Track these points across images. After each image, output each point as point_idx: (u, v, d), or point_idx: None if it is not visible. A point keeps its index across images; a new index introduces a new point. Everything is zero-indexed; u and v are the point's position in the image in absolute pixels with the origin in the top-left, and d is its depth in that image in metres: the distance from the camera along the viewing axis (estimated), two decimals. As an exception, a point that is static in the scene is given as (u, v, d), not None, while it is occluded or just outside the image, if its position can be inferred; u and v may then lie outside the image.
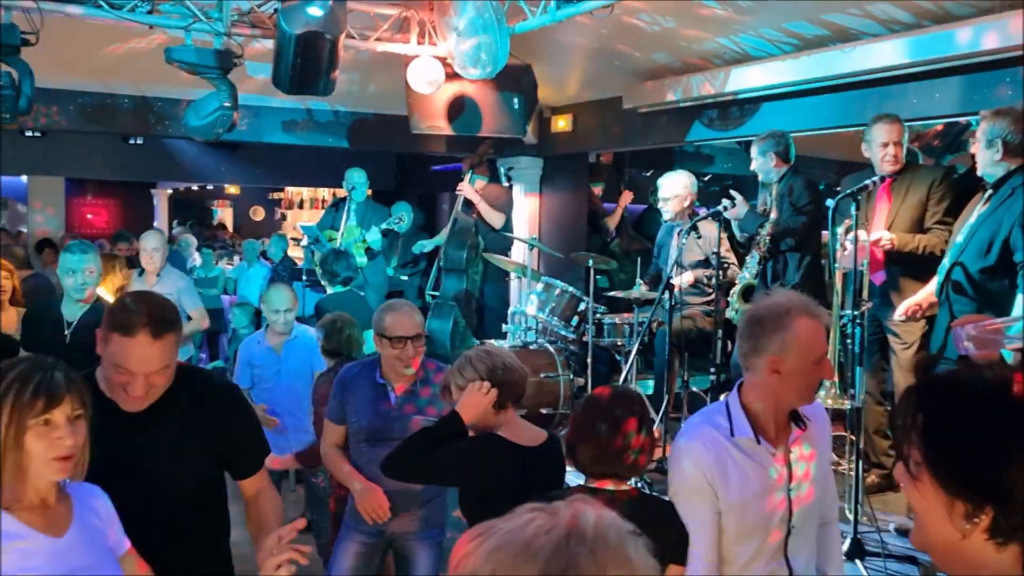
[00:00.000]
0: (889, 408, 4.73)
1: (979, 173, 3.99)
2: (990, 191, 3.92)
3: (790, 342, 2.18)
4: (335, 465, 3.51)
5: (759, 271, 5.14)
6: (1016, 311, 3.66)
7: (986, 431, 1.10)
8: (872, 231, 4.50)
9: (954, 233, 4.12)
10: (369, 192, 7.79)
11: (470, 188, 7.35)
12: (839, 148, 7.87)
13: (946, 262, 4.01)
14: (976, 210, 3.97)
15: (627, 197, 8.66)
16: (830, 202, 4.24)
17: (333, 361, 4.33)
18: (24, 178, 12.68)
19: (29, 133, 8.82)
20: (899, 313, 4.31)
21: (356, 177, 7.50)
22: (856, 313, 3.96)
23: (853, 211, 3.96)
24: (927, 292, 4.24)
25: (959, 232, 4.03)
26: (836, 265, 4.19)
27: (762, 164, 5.16)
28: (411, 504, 3.39)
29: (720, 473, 2.24)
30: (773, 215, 5.04)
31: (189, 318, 5.78)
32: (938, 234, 4.39)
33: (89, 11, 4.86)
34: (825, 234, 4.89)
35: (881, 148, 4.47)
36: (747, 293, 5.21)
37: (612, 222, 8.72)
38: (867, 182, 4.12)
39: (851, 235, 4.04)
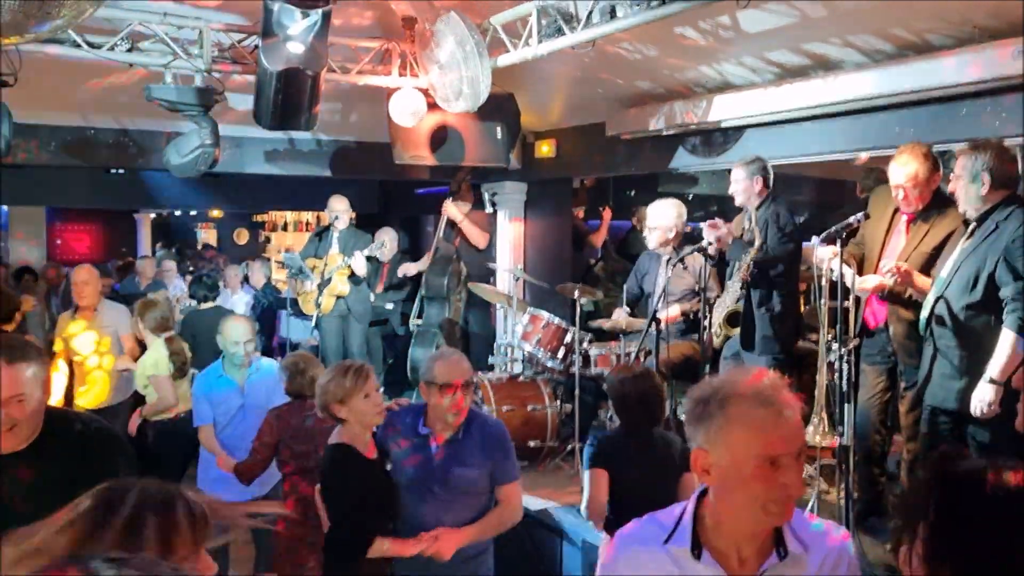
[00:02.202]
0: (884, 436, 4.72)
1: (961, 209, 3.96)
2: (973, 225, 3.90)
3: (719, 434, 1.70)
4: None
5: (741, 296, 5.14)
6: (1002, 347, 3.65)
7: (997, 542, 1.09)
8: (880, 267, 4.40)
9: (938, 267, 4.09)
10: (353, 216, 7.75)
11: (454, 207, 7.31)
12: (817, 167, 7.92)
13: (930, 297, 3.98)
14: (960, 245, 3.96)
15: (608, 214, 8.68)
16: (816, 239, 4.21)
17: (296, 401, 4.24)
18: (4, 208, 12.60)
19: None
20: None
21: (337, 205, 7.45)
22: (844, 350, 3.94)
23: (839, 246, 3.94)
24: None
25: (943, 267, 4.00)
26: (822, 300, 4.17)
27: (747, 187, 5.10)
28: (456, 559, 3.30)
29: None
30: (758, 241, 5.01)
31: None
32: None
33: (68, 51, 4.83)
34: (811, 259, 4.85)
35: (893, 188, 4.34)
36: (732, 319, 5.19)
37: (597, 240, 8.73)
38: (851, 220, 4.08)
39: (837, 269, 4.02)
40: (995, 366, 3.65)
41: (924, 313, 4.01)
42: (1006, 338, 3.64)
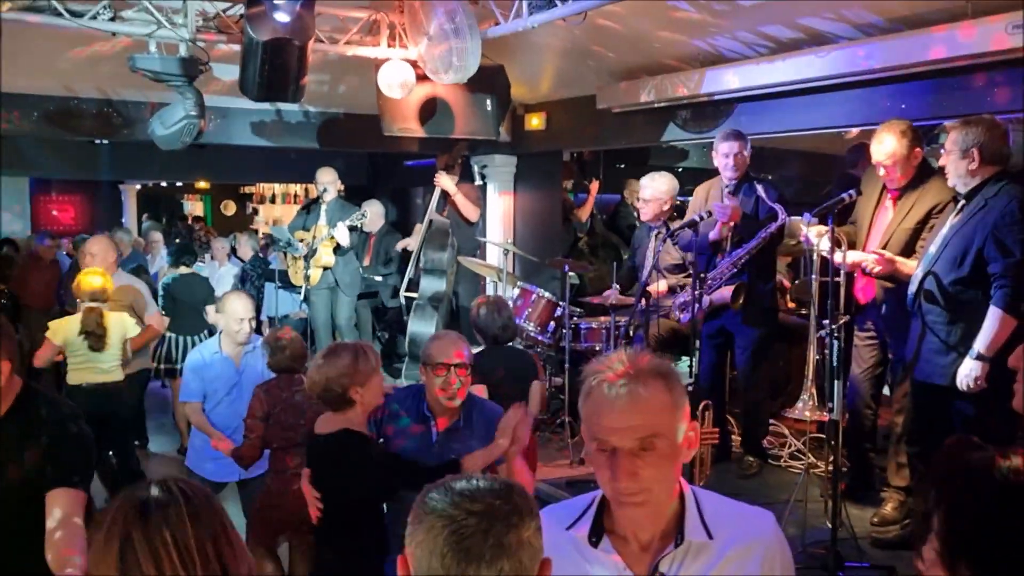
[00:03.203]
0: (874, 410, 4.75)
1: (950, 183, 3.96)
2: (963, 201, 3.90)
3: (583, 416, 1.65)
4: None
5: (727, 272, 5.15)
6: (988, 323, 3.67)
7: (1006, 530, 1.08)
8: (869, 243, 4.45)
9: (927, 243, 4.10)
10: (341, 188, 7.67)
11: (448, 179, 7.25)
12: (803, 141, 7.90)
13: (919, 272, 3.99)
14: (949, 221, 3.96)
15: (595, 187, 8.65)
16: (807, 215, 4.21)
17: (284, 376, 4.22)
18: (-13, 177, 12.43)
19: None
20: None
21: (325, 177, 7.41)
22: (834, 326, 3.94)
23: (830, 222, 3.93)
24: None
25: (932, 242, 4.01)
26: (813, 276, 4.17)
27: (743, 160, 5.07)
28: None
29: None
30: (782, 216, 4.96)
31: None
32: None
33: (49, 19, 4.74)
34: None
35: (875, 165, 4.38)
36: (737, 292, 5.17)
37: (583, 214, 8.70)
38: (843, 195, 4.08)
39: (826, 245, 4.02)
40: (982, 342, 3.68)
41: (912, 288, 4.03)
42: (993, 314, 3.67)
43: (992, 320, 3.66)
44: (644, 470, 1.56)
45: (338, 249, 7.24)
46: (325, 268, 7.20)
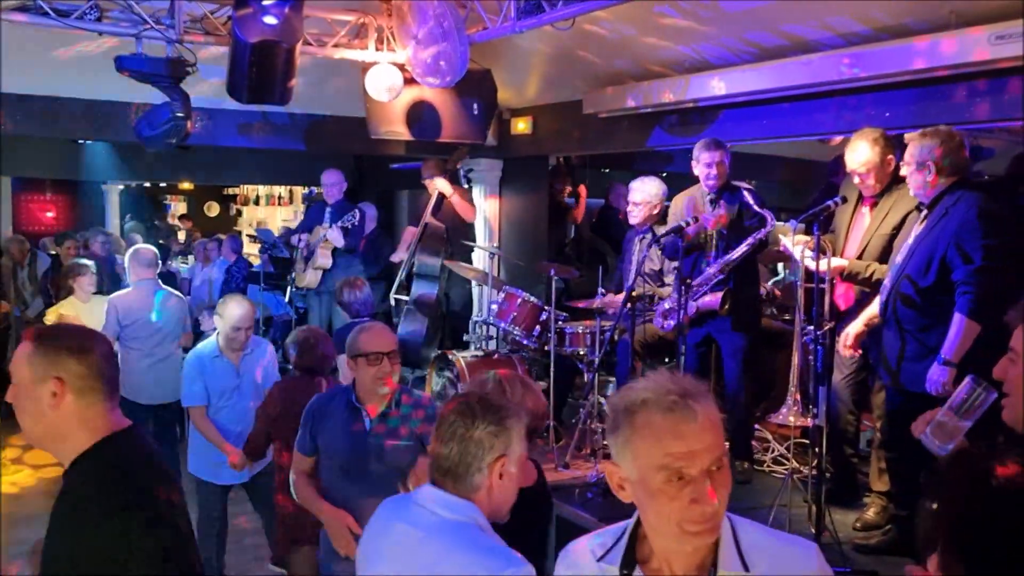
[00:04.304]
0: (856, 416, 4.79)
1: (912, 194, 4.06)
2: (925, 211, 3.99)
3: (625, 446, 1.56)
4: (306, 496, 3.46)
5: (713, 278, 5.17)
6: (953, 329, 3.74)
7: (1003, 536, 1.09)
8: (846, 250, 4.51)
9: (894, 253, 4.17)
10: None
11: (444, 182, 7.24)
12: (787, 147, 7.97)
13: (887, 284, 4.07)
14: (913, 231, 4.04)
15: (584, 191, 8.70)
16: (793, 222, 4.25)
17: (304, 377, 4.22)
18: (-32, 177, 12.34)
19: (-28, 134, 8.55)
20: (845, 345, 4.34)
21: (329, 178, 7.41)
22: (819, 332, 3.97)
23: (816, 230, 3.98)
24: (868, 315, 4.31)
25: (898, 252, 4.08)
26: (798, 280, 4.21)
27: (725, 169, 5.11)
28: None
29: None
30: (771, 221, 4.98)
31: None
32: None
33: (35, 18, 4.71)
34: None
35: (850, 172, 4.46)
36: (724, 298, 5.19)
37: (579, 214, 8.76)
38: (829, 203, 4.13)
39: (807, 252, 4.07)
40: (948, 347, 3.75)
41: (881, 298, 4.13)
42: (957, 320, 3.75)
43: (957, 326, 3.74)
44: (721, 492, 1.51)
45: (337, 251, 7.23)
46: (323, 270, 7.19)
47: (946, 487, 1.19)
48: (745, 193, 5.01)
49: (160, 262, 7.18)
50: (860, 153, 4.37)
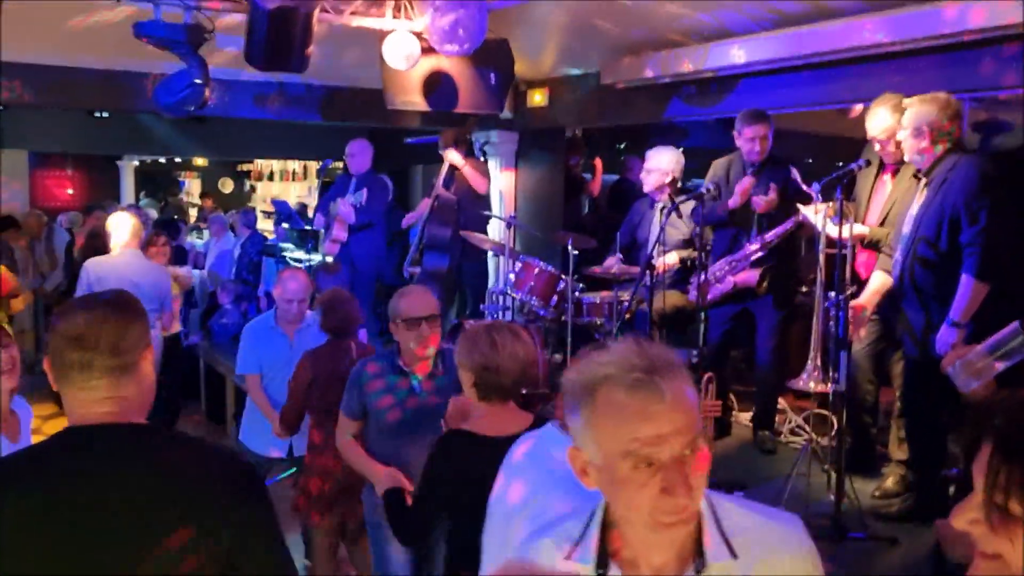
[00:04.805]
0: (876, 385, 4.77)
1: (906, 159, 4.09)
2: (924, 179, 4.00)
3: (587, 427, 1.39)
4: (355, 458, 3.47)
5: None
6: (961, 291, 3.75)
7: None
8: (868, 218, 4.51)
9: (897, 227, 4.15)
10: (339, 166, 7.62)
11: (456, 153, 7.21)
12: (817, 122, 7.88)
13: (899, 257, 4.07)
14: (915, 201, 4.02)
15: (600, 163, 8.66)
16: (816, 185, 4.21)
17: (334, 342, 4.23)
18: (-14, 151, 12.38)
19: (-9, 106, 8.57)
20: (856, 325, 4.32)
21: (351, 148, 7.39)
22: (840, 298, 3.95)
23: (839, 194, 3.95)
24: (872, 292, 4.28)
25: (904, 224, 4.07)
26: (819, 247, 4.18)
27: (770, 143, 5.05)
28: None
29: None
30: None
31: None
32: None
33: (53, -15, 4.70)
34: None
35: (870, 140, 4.43)
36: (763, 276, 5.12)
37: (595, 187, 8.73)
38: (852, 166, 4.10)
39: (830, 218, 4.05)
40: (956, 309, 3.78)
41: (895, 272, 4.14)
42: (965, 282, 3.77)
43: (964, 287, 3.76)
44: (695, 479, 1.35)
45: (353, 225, 7.22)
46: (340, 243, 7.20)
47: (990, 418, 1.17)
48: (793, 170, 4.84)
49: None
50: (880, 119, 4.34)
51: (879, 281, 4.32)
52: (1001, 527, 1.11)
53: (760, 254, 5.03)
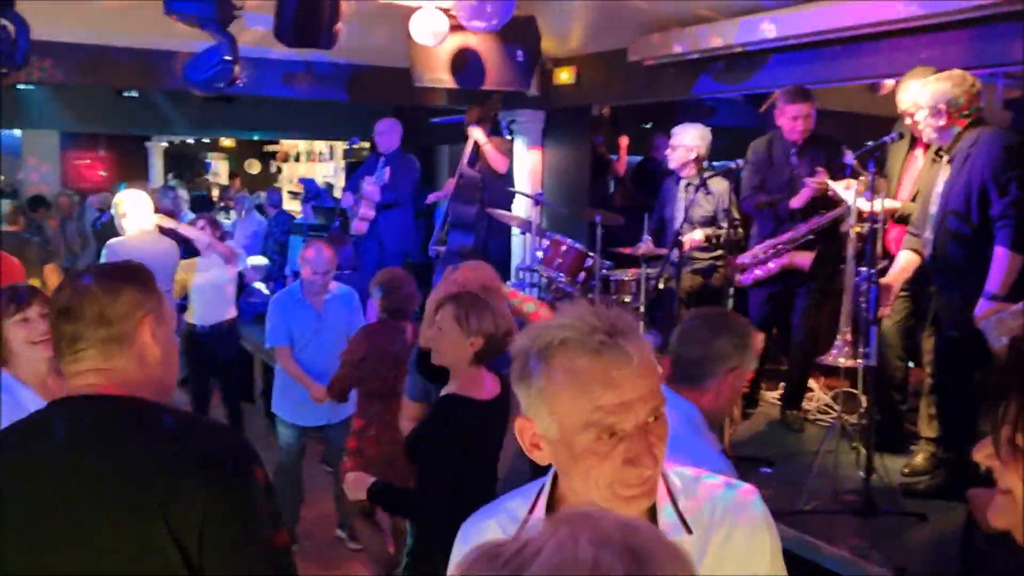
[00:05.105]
0: (906, 362, 4.74)
1: (924, 139, 4.06)
2: (945, 156, 3.95)
3: (540, 396, 1.28)
4: None
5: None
6: (997, 263, 3.72)
7: None
8: (900, 193, 4.46)
9: (923, 206, 4.11)
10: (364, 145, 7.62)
11: (479, 131, 7.20)
12: (845, 100, 7.78)
13: (928, 235, 4.03)
14: (939, 179, 3.97)
15: (625, 141, 8.62)
16: (849, 159, 4.18)
17: (389, 321, 4.27)
18: (18, 132, 12.53)
19: (22, 86, 8.66)
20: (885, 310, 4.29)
21: (379, 127, 7.43)
22: (872, 271, 3.92)
23: (871, 167, 3.92)
24: (899, 270, 4.25)
25: (930, 203, 4.02)
26: (850, 221, 4.15)
27: (811, 124, 4.96)
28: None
29: None
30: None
31: None
32: None
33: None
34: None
35: (902, 114, 4.38)
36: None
37: (620, 167, 8.70)
38: (885, 138, 4.07)
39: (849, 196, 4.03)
40: (993, 281, 3.73)
41: (927, 251, 4.08)
42: (1000, 254, 3.73)
43: (1000, 260, 3.72)
44: (659, 447, 1.27)
45: (380, 202, 7.25)
46: (370, 222, 7.24)
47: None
48: (847, 152, 4.59)
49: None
50: (912, 93, 4.27)
51: (905, 259, 4.27)
52: (1011, 461, 1.12)
53: (809, 237, 4.94)
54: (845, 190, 4.33)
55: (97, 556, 1.50)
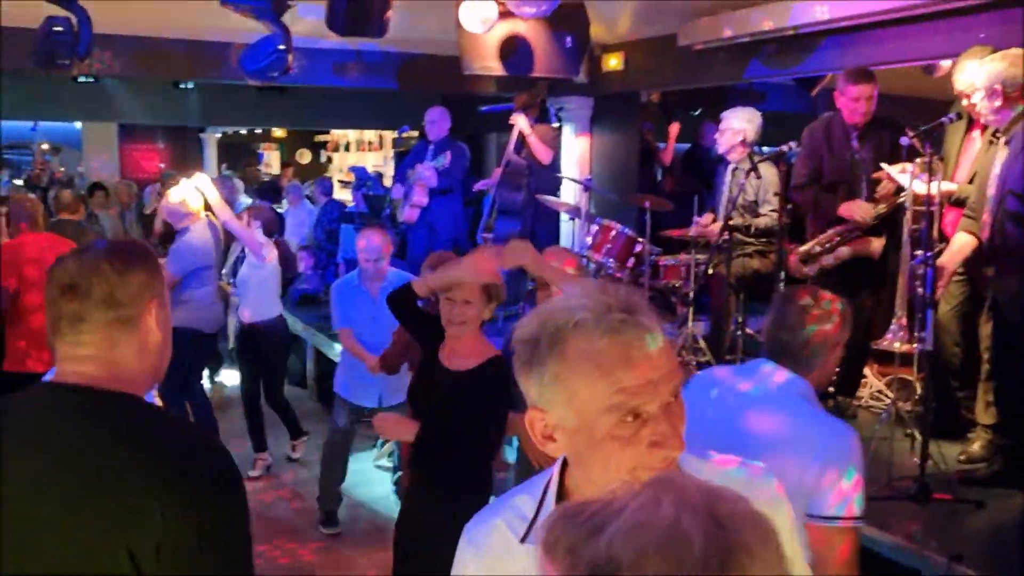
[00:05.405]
0: (963, 348, 4.66)
1: (981, 121, 3.97)
2: (1002, 138, 3.87)
3: (555, 384, 1.20)
4: None
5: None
6: None
7: None
8: (957, 175, 4.38)
9: (978, 189, 4.03)
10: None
11: (524, 120, 7.22)
12: (899, 83, 7.64)
13: (987, 218, 3.95)
14: (996, 160, 3.89)
15: (675, 129, 8.56)
16: (905, 140, 4.11)
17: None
18: (78, 124, 12.85)
19: (82, 79, 8.88)
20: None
21: (429, 116, 7.48)
22: (928, 254, 3.86)
23: (927, 149, 3.85)
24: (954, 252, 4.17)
25: (989, 185, 3.93)
26: (906, 204, 4.10)
27: (873, 106, 4.78)
28: None
29: None
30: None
31: None
32: None
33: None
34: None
35: (957, 95, 4.29)
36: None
37: (666, 157, 8.65)
38: (943, 119, 3.99)
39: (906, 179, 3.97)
40: None
41: (985, 235, 3.99)
42: None
43: None
44: (682, 427, 1.21)
45: (432, 189, 7.31)
46: (422, 208, 7.32)
47: None
48: (910, 135, 4.39)
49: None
50: (968, 73, 4.18)
51: (961, 241, 4.18)
52: None
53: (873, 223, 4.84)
54: (900, 173, 4.27)
55: (57, 558, 1.37)
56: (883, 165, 4.54)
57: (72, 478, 1.39)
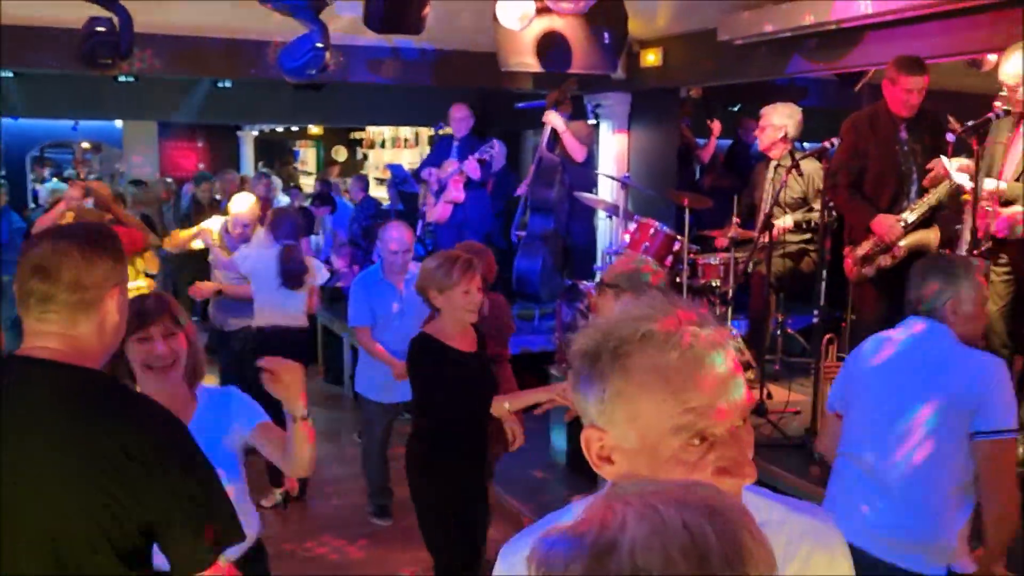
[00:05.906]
0: (1011, 348, 4.56)
1: None
2: None
3: (616, 402, 1.13)
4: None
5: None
6: None
7: None
8: (1003, 172, 4.27)
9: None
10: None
11: (557, 116, 7.18)
12: (943, 78, 7.49)
13: None
14: None
15: (718, 127, 8.47)
16: (950, 136, 4.02)
17: None
18: (118, 123, 13.02)
19: (122, 78, 8.98)
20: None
21: (458, 113, 7.47)
22: (975, 253, 3.78)
23: (975, 147, 3.76)
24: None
25: None
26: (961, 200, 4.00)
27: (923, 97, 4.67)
28: None
29: None
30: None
31: None
32: None
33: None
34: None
35: (1009, 91, 4.16)
36: None
37: (706, 154, 8.58)
38: (989, 115, 3.89)
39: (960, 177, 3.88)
40: None
41: None
42: None
43: None
44: (750, 453, 1.14)
45: (468, 184, 7.29)
46: (455, 204, 7.30)
47: None
48: (958, 129, 4.28)
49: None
50: (1012, 65, 4.04)
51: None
52: None
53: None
54: (958, 171, 4.14)
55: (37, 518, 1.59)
56: (943, 158, 4.39)
57: (41, 438, 1.59)
